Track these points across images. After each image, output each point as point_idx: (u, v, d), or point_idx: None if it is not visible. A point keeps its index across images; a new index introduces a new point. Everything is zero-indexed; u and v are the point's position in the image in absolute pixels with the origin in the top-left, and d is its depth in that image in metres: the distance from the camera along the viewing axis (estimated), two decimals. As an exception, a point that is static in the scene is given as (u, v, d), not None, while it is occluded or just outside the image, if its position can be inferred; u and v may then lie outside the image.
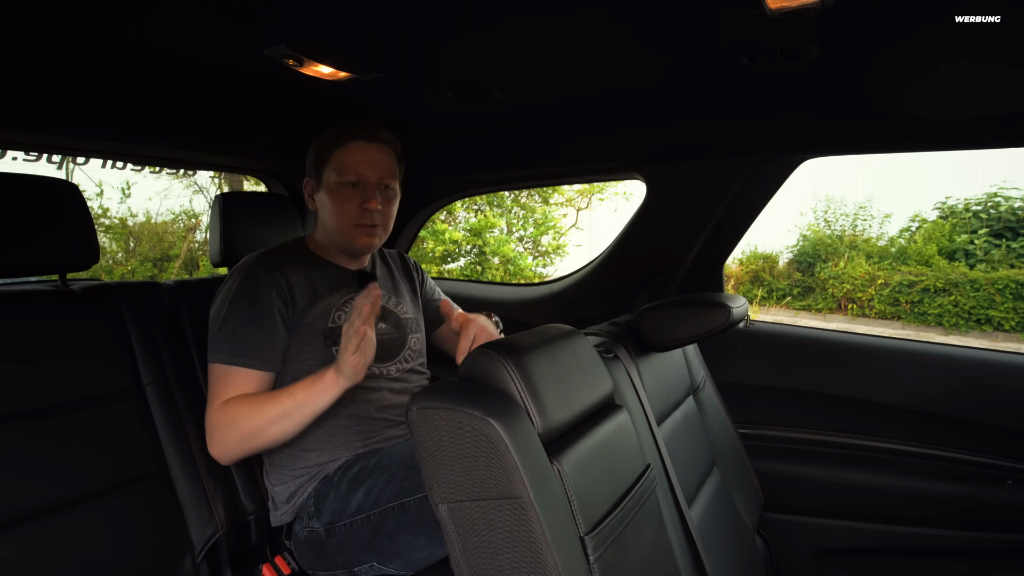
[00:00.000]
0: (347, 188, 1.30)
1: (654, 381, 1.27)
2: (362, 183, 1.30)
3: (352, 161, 1.29)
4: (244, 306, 1.23)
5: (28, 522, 1.07)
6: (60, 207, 1.23)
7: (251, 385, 1.21)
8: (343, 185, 1.30)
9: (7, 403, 1.10)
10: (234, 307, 1.23)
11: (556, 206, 7.42)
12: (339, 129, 1.32)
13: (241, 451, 1.20)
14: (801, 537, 1.70)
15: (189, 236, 6.55)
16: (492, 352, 0.84)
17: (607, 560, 0.82)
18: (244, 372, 1.20)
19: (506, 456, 0.74)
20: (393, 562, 1.14)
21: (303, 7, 0.94)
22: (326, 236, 1.37)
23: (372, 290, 1.09)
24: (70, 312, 1.24)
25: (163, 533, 1.22)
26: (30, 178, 1.21)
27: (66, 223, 1.23)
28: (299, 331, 1.27)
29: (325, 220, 1.35)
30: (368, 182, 1.31)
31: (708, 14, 0.95)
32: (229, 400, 1.19)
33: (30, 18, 1.01)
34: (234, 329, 1.22)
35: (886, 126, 1.37)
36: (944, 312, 7.27)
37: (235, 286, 1.25)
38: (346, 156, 1.30)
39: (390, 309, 1.41)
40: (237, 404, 1.18)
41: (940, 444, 1.59)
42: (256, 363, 1.21)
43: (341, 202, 1.30)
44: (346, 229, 1.31)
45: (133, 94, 1.31)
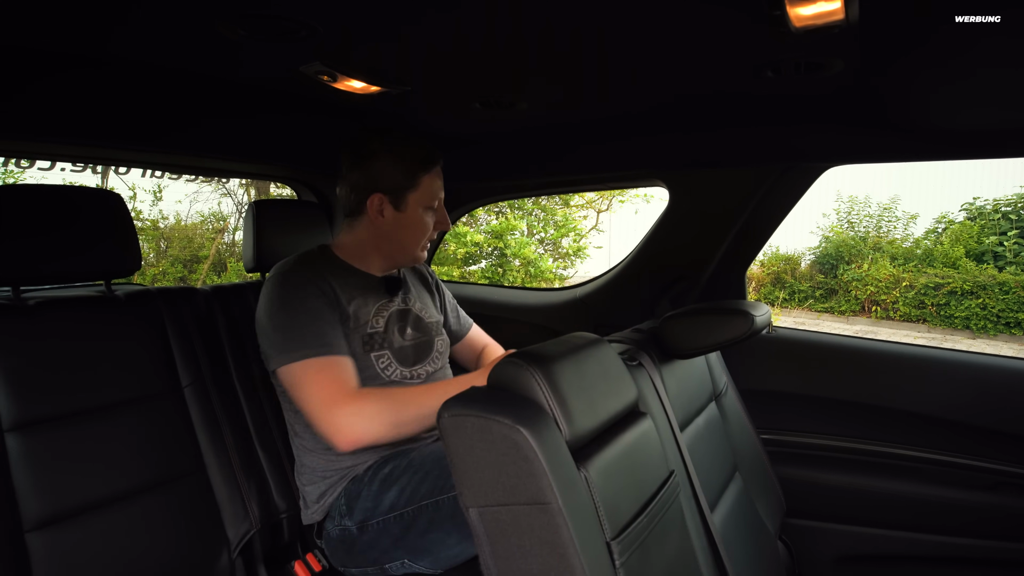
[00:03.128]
0: (428, 212, 1.37)
1: (677, 388, 1.29)
2: (438, 207, 1.40)
3: (435, 187, 1.37)
4: (298, 305, 1.25)
5: (76, 518, 1.13)
6: (108, 217, 1.28)
7: (350, 368, 1.23)
8: (427, 209, 1.37)
9: (56, 404, 1.16)
10: (290, 308, 1.24)
11: (576, 208, 7.42)
12: (421, 150, 1.34)
13: (388, 437, 1.19)
14: (823, 543, 1.69)
15: (217, 238, 6.68)
16: (520, 361, 0.87)
17: (632, 565, 0.84)
18: (337, 359, 1.22)
19: (535, 463, 0.76)
20: (423, 559, 1.17)
21: (337, 26, 0.98)
22: (379, 247, 1.39)
23: None
24: (115, 317, 1.29)
25: (201, 530, 1.27)
26: (81, 190, 1.27)
27: (113, 232, 1.29)
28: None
29: (395, 236, 1.37)
30: (440, 206, 1.40)
31: (733, 31, 0.97)
32: (369, 389, 1.21)
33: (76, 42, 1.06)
34: (302, 326, 1.22)
35: (909, 135, 1.37)
36: (971, 315, 7.13)
37: (281, 291, 1.27)
38: (433, 183, 1.36)
39: (417, 313, 1.45)
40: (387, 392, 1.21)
41: (965, 452, 1.58)
42: (341, 350, 1.24)
43: (422, 226, 1.37)
44: (416, 248, 1.39)
45: (174, 109, 1.37)
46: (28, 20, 0.96)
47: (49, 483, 1.11)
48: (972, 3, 0.80)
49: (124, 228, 1.31)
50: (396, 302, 1.41)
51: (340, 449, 1.18)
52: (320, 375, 1.20)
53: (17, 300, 1.20)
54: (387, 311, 1.38)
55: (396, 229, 1.36)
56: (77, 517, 1.13)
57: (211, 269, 6.39)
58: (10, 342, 1.14)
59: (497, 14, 0.92)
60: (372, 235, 1.38)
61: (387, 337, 1.35)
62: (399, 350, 1.36)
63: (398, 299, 1.42)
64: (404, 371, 1.36)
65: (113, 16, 0.96)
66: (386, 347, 1.34)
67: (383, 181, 1.34)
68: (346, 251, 1.41)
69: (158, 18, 0.96)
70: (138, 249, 1.34)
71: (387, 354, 1.34)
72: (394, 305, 1.40)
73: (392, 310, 1.39)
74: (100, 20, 0.98)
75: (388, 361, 1.34)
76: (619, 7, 0.89)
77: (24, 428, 1.12)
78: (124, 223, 1.31)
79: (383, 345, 1.34)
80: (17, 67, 1.11)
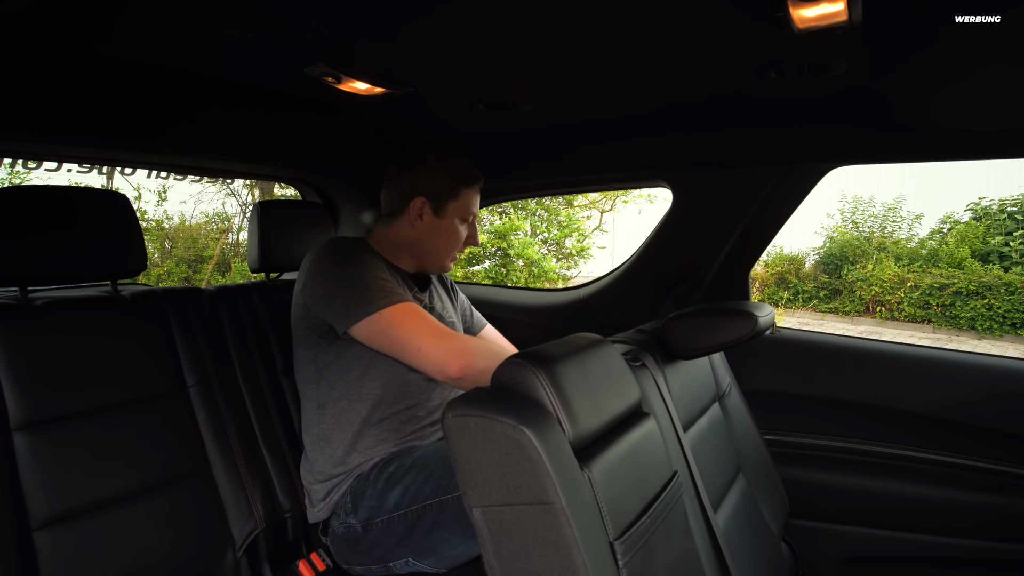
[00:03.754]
0: (463, 224, 1.44)
1: (680, 388, 1.29)
2: (472, 222, 1.47)
3: (473, 203, 1.45)
4: (363, 265, 1.28)
5: (83, 516, 1.14)
6: (113, 218, 1.29)
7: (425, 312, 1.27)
8: (463, 221, 1.44)
9: (63, 404, 1.17)
10: (356, 267, 1.27)
11: (580, 208, 7.42)
12: (469, 167, 1.42)
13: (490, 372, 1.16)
14: (827, 544, 1.69)
15: (222, 238, 6.70)
16: (524, 361, 0.87)
17: (635, 565, 0.84)
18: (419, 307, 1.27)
19: (538, 463, 0.77)
20: (427, 558, 1.18)
21: (342, 28, 0.99)
22: (413, 249, 1.43)
23: None
24: (121, 317, 1.30)
25: (207, 528, 1.28)
26: (87, 191, 1.28)
27: (119, 233, 1.30)
28: None
29: (430, 241, 1.42)
30: (473, 222, 1.47)
31: (736, 32, 0.97)
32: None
33: (85, 45, 1.07)
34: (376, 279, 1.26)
35: (913, 136, 1.37)
36: (977, 316, 7.10)
37: (340, 257, 1.30)
38: (472, 198, 1.44)
39: (440, 313, 1.47)
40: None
41: (970, 454, 1.58)
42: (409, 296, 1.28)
43: (456, 235, 1.43)
44: (446, 257, 1.44)
45: (180, 110, 1.38)
46: (41, 22, 0.96)
47: (56, 482, 1.12)
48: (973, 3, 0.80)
49: (130, 229, 1.32)
50: (425, 299, 1.43)
51: (451, 373, 1.19)
52: (417, 315, 1.24)
53: (24, 300, 1.21)
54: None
55: (431, 234, 1.41)
56: (83, 516, 1.14)
57: (215, 269, 6.41)
58: (18, 342, 1.15)
59: (500, 16, 0.93)
60: (408, 236, 1.42)
61: None
62: None
63: (425, 297, 1.45)
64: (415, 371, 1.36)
65: (123, 20, 0.97)
66: None
67: (429, 186, 1.40)
68: (382, 246, 1.43)
69: (166, 21, 0.97)
70: (144, 250, 1.34)
71: None
72: (423, 303, 1.41)
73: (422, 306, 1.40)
74: (109, 23, 0.98)
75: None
76: (622, 9, 0.90)
77: (31, 427, 1.13)
78: (130, 224, 1.32)
79: None
80: (26, 68, 1.12)
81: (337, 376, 1.32)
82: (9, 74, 1.11)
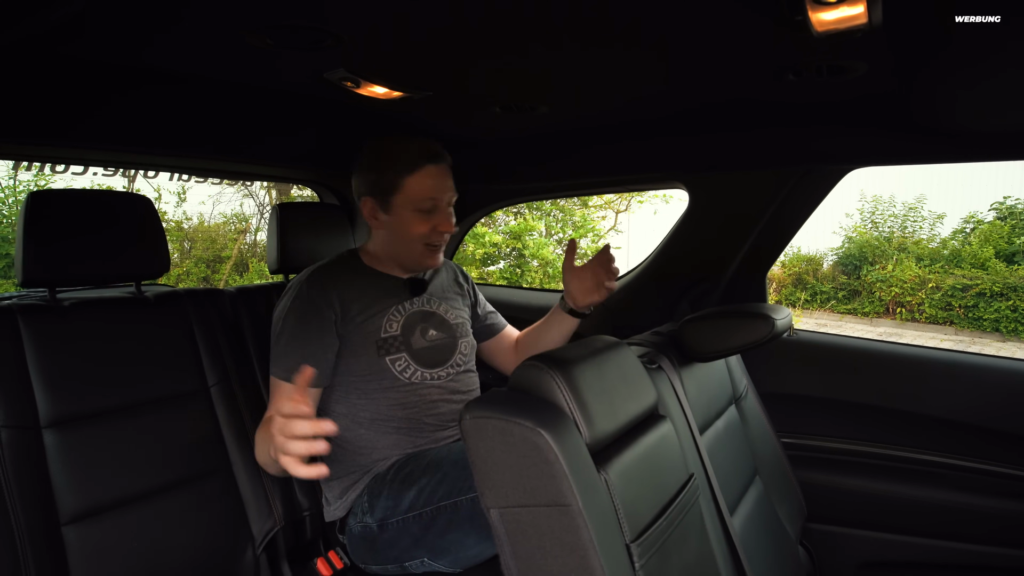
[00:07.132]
0: (418, 213, 1.34)
1: (697, 391, 1.29)
2: (436, 207, 1.35)
3: (426, 188, 1.32)
4: (294, 323, 1.30)
5: (109, 512, 1.16)
6: (139, 221, 1.32)
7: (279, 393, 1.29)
8: (418, 211, 1.33)
9: (90, 402, 1.20)
10: (286, 325, 1.31)
11: (595, 208, 7.40)
12: (406, 152, 1.32)
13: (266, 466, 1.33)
14: (845, 549, 1.68)
15: (240, 239, 6.79)
16: (541, 364, 0.88)
17: (652, 567, 0.84)
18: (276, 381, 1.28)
19: (555, 465, 0.77)
20: (443, 558, 1.19)
21: (362, 34, 1.00)
22: (388, 252, 1.42)
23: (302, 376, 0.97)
24: (145, 318, 1.33)
25: (227, 526, 1.30)
26: (112, 194, 1.31)
27: (144, 236, 1.33)
28: (352, 341, 1.33)
29: (393, 240, 1.39)
30: (441, 206, 1.36)
31: (754, 35, 0.97)
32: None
33: (113, 52, 1.10)
34: (286, 346, 1.29)
35: (934, 137, 1.35)
36: (1001, 317, 6.97)
37: (289, 304, 1.33)
38: (421, 183, 1.32)
39: (442, 315, 1.46)
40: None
41: (992, 458, 1.56)
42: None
43: (415, 226, 1.34)
44: (417, 250, 1.37)
45: (202, 115, 1.41)
46: (70, 31, 0.99)
47: (83, 478, 1.15)
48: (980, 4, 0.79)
49: (154, 231, 1.34)
50: (417, 303, 1.43)
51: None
52: (272, 395, 1.29)
53: (53, 301, 1.24)
54: (406, 313, 1.40)
55: (391, 233, 1.39)
56: (109, 512, 1.17)
57: (233, 269, 6.50)
58: (47, 343, 1.18)
59: (519, 19, 0.93)
60: (379, 240, 1.43)
61: (405, 339, 1.37)
62: (418, 352, 1.38)
63: (420, 300, 1.44)
64: (425, 372, 1.37)
65: (149, 28, 0.99)
66: (403, 350, 1.36)
67: (369, 186, 1.37)
68: (369, 256, 1.45)
69: (189, 29, 0.99)
70: (167, 252, 1.37)
71: (404, 356, 1.36)
72: (415, 306, 1.42)
73: (412, 311, 1.41)
74: (137, 32, 1.01)
75: (406, 364, 1.35)
76: (641, 13, 0.90)
77: (60, 425, 1.15)
78: (154, 227, 1.34)
79: (400, 348, 1.35)
80: (60, 76, 1.15)
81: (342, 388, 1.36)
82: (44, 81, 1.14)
